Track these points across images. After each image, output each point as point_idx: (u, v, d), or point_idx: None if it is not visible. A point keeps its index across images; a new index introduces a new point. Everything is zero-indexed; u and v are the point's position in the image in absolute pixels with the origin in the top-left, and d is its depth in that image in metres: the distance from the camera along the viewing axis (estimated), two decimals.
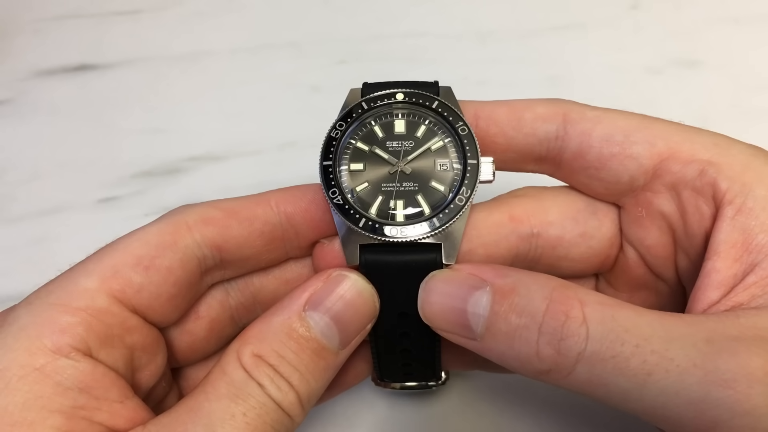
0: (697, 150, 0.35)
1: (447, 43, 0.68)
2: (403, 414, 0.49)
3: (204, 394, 0.32)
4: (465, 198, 0.36)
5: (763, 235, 0.32)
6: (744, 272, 0.32)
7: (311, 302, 0.34)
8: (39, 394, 0.30)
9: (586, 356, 0.29)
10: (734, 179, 0.34)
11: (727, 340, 0.29)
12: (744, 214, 0.33)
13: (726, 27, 0.68)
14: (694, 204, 0.35)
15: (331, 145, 0.37)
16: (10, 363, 0.30)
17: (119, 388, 0.32)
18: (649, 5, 0.69)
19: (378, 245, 0.35)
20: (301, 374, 0.33)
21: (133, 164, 0.60)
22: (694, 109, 0.63)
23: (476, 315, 0.32)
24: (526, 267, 0.39)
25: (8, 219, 0.58)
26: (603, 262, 0.40)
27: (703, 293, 0.33)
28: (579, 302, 0.30)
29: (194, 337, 0.39)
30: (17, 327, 0.31)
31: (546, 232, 0.38)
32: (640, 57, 0.66)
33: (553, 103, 0.38)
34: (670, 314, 0.31)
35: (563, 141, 0.37)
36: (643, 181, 0.36)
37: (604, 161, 0.36)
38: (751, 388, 0.27)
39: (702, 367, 0.28)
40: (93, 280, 0.33)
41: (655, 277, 0.39)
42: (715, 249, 0.33)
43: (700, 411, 0.28)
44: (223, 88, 0.65)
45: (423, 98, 0.38)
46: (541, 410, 0.48)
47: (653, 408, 0.29)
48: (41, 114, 0.63)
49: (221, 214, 0.36)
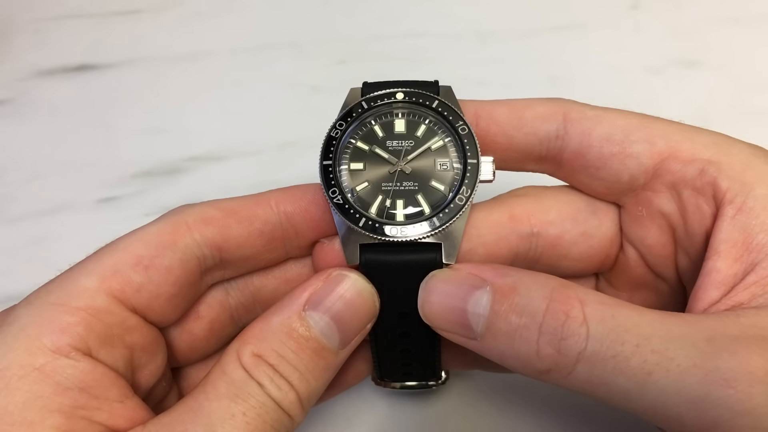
0: (697, 149, 0.35)
1: (447, 43, 0.68)
2: (403, 414, 0.49)
3: (204, 393, 0.32)
4: (465, 197, 0.36)
5: (763, 234, 0.32)
6: (744, 271, 0.32)
7: (311, 302, 0.34)
8: (39, 393, 0.30)
9: (586, 356, 0.29)
10: (735, 178, 0.33)
11: (728, 339, 0.29)
12: (744, 214, 0.33)
13: (726, 27, 0.68)
14: (694, 203, 0.35)
15: (331, 145, 0.37)
16: (10, 363, 0.30)
17: (119, 387, 0.32)
18: (649, 5, 0.69)
19: (378, 245, 0.35)
20: (301, 374, 0.33)
21: (133, 164, 0.60)
22: (694, 109, 0.62)
23: (476, 315, 0.32)
24: (527, 266, 0.39)
25: (8, 219, 0.58)
26: (603, 261, 0.40)
27: (704, 292, 0.33)
28: (579, 302, 0.30)
29: (194, 336, 0.39)
30: (17, 327, 0.31)
31: (546, 232, 0.38)
32: (640, 57, 0.66)
33: (554, 103, 0.38)
34: (671, 314, 0.31)
35: (563, 140, 0.37)
36: (644, 180, 0.36)
37: (605, 160, 0.36)
38: (752, 388, 0.27)
39: (702, 366, 0.28)
40: (93, 280, 0.33)
41: (655, 276, 0.39)
42: (715, 248, 0.33)
43: (701, 410, 0.28)
44: (223, 88, 0.65)
45: (423, 98, 0.38)
46: (541, 410, 0.48)
47: (653, 407, 0.29)
48: (41, 114, 0.63)
49: (221, 214, 0.36)
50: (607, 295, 0.32)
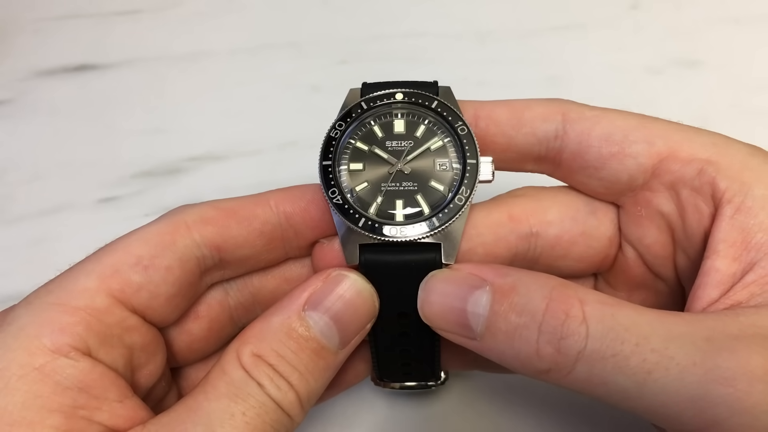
0: (696, 149, 0.35)
1: (447, 43, 0.68)
2: (403, 414, 0.49)
3: (204, 393, 0.32)
4: (464, 198, 0.36)
5: (761, 234, 0.32)
6: (743, 271, 0.32)
7: (311, 302, 0.34)
8: (38, 393, 0.29)
9: (586, 355, 0.29)
10: (733, 178, 0.34)
11: (727, 338, 0.29)
12: (743, 213, 0.33)
13: (726, 27, 0.68)
14: (693, 203, 0.35)
15: (331, 145, 0.37)
16: (9, 363, 0.30)
17: (118, 387, 0.32)
18: (649, 5, 0.69)
19: (377, 245, 0.35)
20: (301, 374, 0.33)
21: (133, 164, 0.60)
22: (694, 109, 0.62)
23: (476, 314, 0.32)
24: (526, 266, 0.39)
25: (8, 219, 0.58)
26: (602, 261, 0.40)
27: (703, 291, 0.33)
28: (579, 301, 0.30)
29: (193, 337, 0.39)
30: (16, 327, 0.31)
31: (545, 232, 0.38)
32: (640, 57, 0.66)
33: (552, 103, 0.38)
34: (670, 313, 0.31)
35: (563, 140, 0.37)
36: (642, 180, 0.36)
37: (604, 160, 0.36)
38: (751, 386, 0.27)
39: (702, 365, 0.28)
40: (92, 280, 0.33)
41: (654, 276, 0.39)
42: (714, 248, 0.33)
43: (700, 409, 0.28)
44: (223, 88, 0.65)
45: (422, 98, 0.38)
46: (542, 410, 0.48)
47: (653, 406, 0.29)
48: (41, 114, 0.63)
49: (220, 214, 0.36)
50: (607, 295, 0.32)
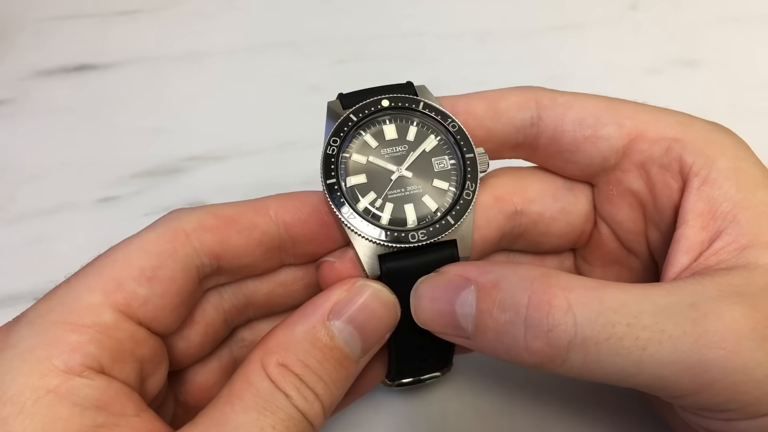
0: (662, 128, 0.36)
1: (446, 43, 0.68)
2: (403, 414, 0.49)
3: (230, 405, 0.31)
4: (472, 192, 0.37)
5: (726, 203, 0.34)
6: (711, 239, 0.33)
7: (334, 311, 0.33)
8: (57, 416, 0.28)
9: (577, 343, 0.30)
10: (698, 153, 0.35)
11: (710, 300, 0.30)
12: (709, 185, 0.34)
13: (725, 27, 0.68)
14: (662, 180, 0.36)
15: (330, 163, 0.37)
16: (22, 387, 0.29)
17: (134, 402, 0.31)
18: (648, 5, 0.69)
19: (396, 253, 0.36)
20: (325, 384, 0.33)
21: (133, 164, 0.60)
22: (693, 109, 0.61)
23: (465, 315, 0.33)
24: (511, 243, 0.41)
25: (8, 219, 0.58)
26: (579, 237, 0.42)
27: (674, 258, 0.34)
28: (562, 289, 0.30)
29: (190, 342, 0.38)
30: (23, 348, 0.30)
31: (528, 209, 0.40)
32: (639, 57, 0.66)
33: (526, 91, 0.39)
34: (652, 285, 0.31)
35: (538, 127, 0.38)
36: (615, 161, 0.38)
37: (578, 144, 0.38)
38: (740, 345, 0.29)
39: (692, 333, 0.29)
40: (96, 295, 0.31)
41: (627, 252, 0.41)
42: (683, 218, 0.34)
43: (696, 375, 0.29)
44: (223, 88, 0.65)
45: (408, 101, 0.38)
46: (542, 410, 0.48)
47: (651, 380, 0.30)
48: (41, 114, 0.63)
49: (220, 223, 0.35)
50: (590, 279, 0.32)
